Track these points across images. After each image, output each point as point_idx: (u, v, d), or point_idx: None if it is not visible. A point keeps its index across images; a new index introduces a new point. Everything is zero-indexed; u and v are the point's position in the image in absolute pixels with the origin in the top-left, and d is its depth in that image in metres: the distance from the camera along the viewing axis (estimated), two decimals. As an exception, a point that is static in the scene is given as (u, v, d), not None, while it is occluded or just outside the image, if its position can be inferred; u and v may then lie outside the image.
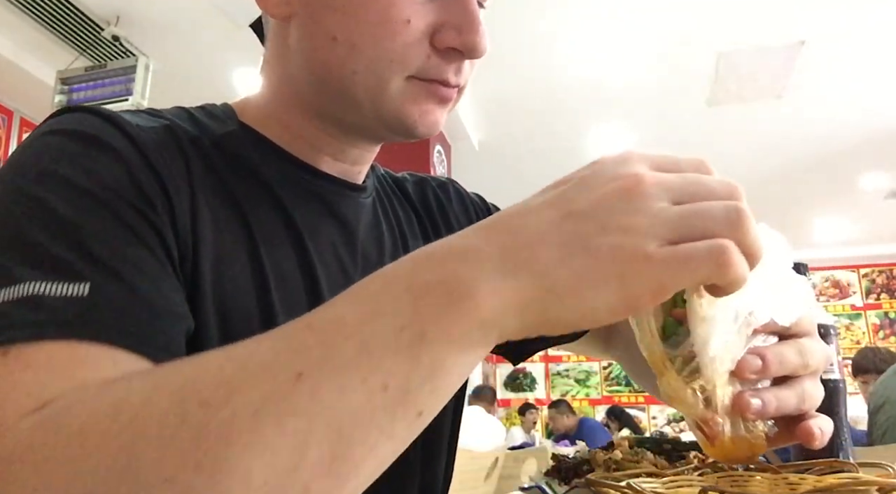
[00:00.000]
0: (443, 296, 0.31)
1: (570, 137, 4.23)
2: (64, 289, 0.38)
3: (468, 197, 0.81)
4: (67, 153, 0.45)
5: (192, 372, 0.31)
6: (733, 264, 0.30)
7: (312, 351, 0.30)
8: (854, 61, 3.37)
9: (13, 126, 3.66)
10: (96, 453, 0.29)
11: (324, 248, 0.59)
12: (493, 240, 0.32)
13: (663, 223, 0.31)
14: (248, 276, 0.53)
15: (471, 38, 0.52)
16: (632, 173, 0.33)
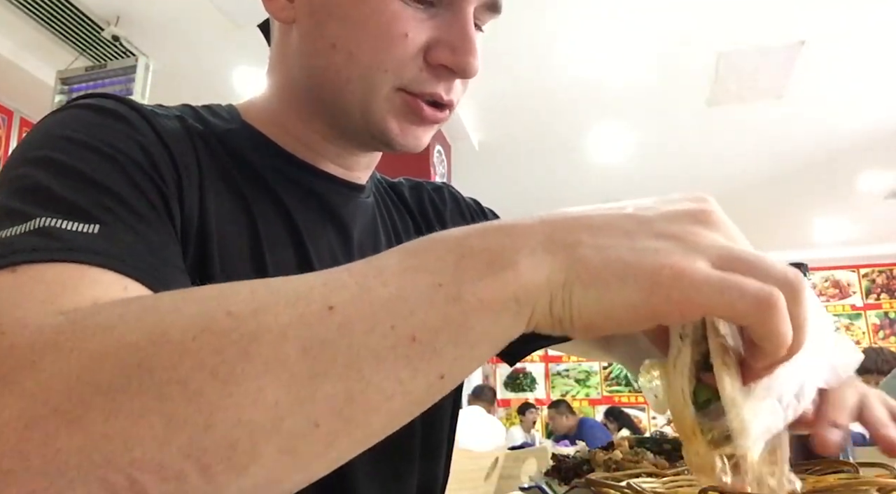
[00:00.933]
0: (484, 261, 0.31)
1: (571, 137, 4.23)
2: (74, 226, 0.39)
3: (464, 201, 0.82)
4: (84, 122, 0.48)
5: (222, 289, 0.31)
6: (777, 313, 0.29)
7: (348, 289, 0.30)
8: (854, 61, 3.37)
9: (13, 126, 3.66)
10: (118, 347, 0.28)
11: (321, 247, 0.60)
12: (546, 222, 0.32)
13: (720, 250, 0.31)
14: (250, 273, 0.54)
15: (464, 58, 0.53)
16: (710, 209, 0.33)
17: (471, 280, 0.30)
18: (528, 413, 5.94)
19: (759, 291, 0.29)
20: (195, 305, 0.30)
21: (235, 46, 3.23)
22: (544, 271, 0.30)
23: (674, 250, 0.30)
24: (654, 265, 0.30)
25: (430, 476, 0.66)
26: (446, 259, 0.31)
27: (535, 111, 3.91)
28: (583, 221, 0.32)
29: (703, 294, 0.29)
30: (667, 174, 4.76)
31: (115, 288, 0.37)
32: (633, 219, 0.32)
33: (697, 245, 0.31)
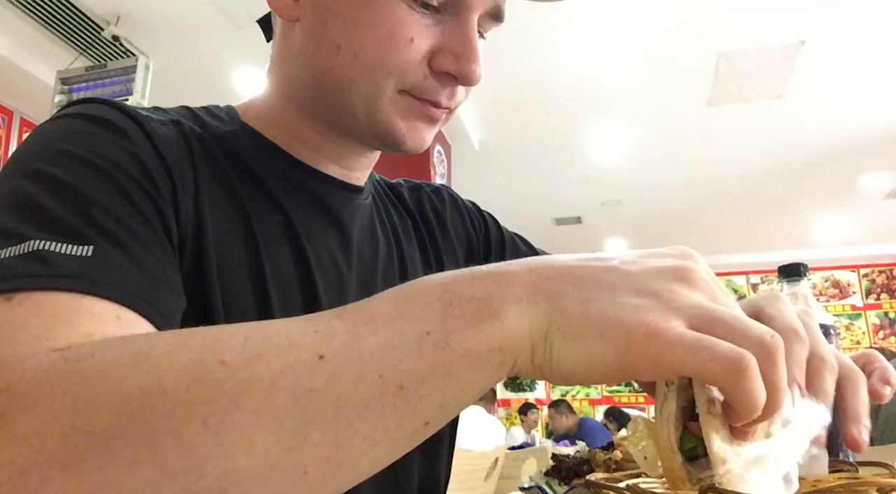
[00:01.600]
0: (471, 310, 0.31)
1: (571, 137, 4.23)
2: (68, 249, 0.39)
3: (462, 203, 0.83)
4: (79, 133, 0.47)
5: (217, 335, 0.32)
6: (747, 376, 0.29)
7: (338, 337, 0.31)
8: (854, 61, 3.37)
9: (13, 126, 3.66)
10: (112, 394, 0.29)
11: (320, 248, 0.60)
12: (532, 270, 0.33)
13: (698, 310, 0.31)
14: (246, 273, 0.54)
15: (467, 65, 0.54)
16: (692, 267, 0.34)
17: (458, 328, 0.31)
18: (529, 414, 5.94)
19: (731, 354, 0.29)
20: (189, 353, 0.30)
21: (235, 46, 3.23)
22: (527, 320, 0.31)
23: (652, 308, 0.31)
24: (632, 322, 0.30)
25: (430, 476, 0.66)
26: (434, 306, 0.32)
27: (536, 111, 3.91)
28: (568, 272, 0.33)
29: (675, 354, 0.29)
30: (667, 174, 4.76)
31: (108, 319, 0.38)
32: (616, 272, 0.33)
33: (676, 303, 0.31)
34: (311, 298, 0.58)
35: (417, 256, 0.73)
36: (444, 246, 0.76)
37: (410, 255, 0.72)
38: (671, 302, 0.31)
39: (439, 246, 0.76)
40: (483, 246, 0.80)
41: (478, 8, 0.54)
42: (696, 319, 0.31)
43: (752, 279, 6.79)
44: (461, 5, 0.54)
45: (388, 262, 0.68)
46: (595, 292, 0.32)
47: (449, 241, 0.77)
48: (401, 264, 0.70)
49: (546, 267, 0.33)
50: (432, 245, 0.75)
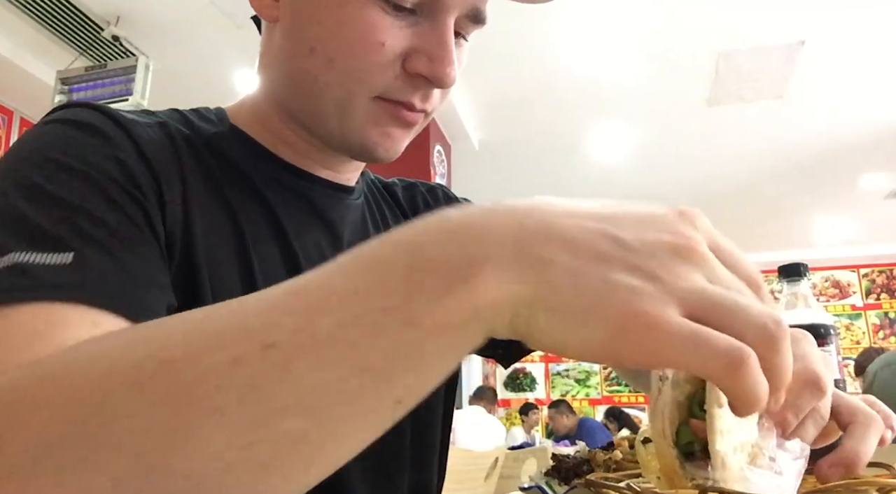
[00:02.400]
0: (442, 277, 0.28)
1: (571, 137, 4.23)
2: (48, 259, 0.39)
3: (457, 201, 0.82)
4: (62, 138, 0.47)
5: (168, 328, 0.30)
6: (746, 373, 0.27)
7: (289, 319, 0.28)
8: (854, 61, 3.37)
9: (13, 126, 3.66)
10: (64, 400, 0.28)
11: (309, 248, 0.60)
12: (520, 223, 0.29)
13: (699, 296, 0.28)
14: (236, 275, 0.54)
15: (440, 68, 0.53)
16: (693, 237, 0.30)
17: (425, 300, 0.27)
18: (531, 414, 5.94)
19: (729, 350, 0.27)
20: (138, 350, 0.29)
21: (235, 46, 3.23)
22: (511, 286, 0.28)
23: (650, 293, 0.28)
24: (626, 309, 0.27)
25: (423, 477, 0.66)
26: (399, 274, 0.28)
27: (535, 111, 3.91)
28: (560, 232, 0.29)
29: (672, 349, 0.27)
30: (667, 174, 4.76)
31: (84, 325, 0.38)
32: (613, 239, 0.29)
33: (674, 287, 0.28)
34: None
35: None
36: None
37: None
38: (669, 287, 0.28)
39: None
40: None
41: (453, 10, 0.53)
42: (695, 306, 0.28)
43: (752, 279, 6.78)
44: (436, 7, 0.53)
45: None
46: (588, 263, 0.28)
47: None
48: None
49: (536, 222, 0.29)
50: None
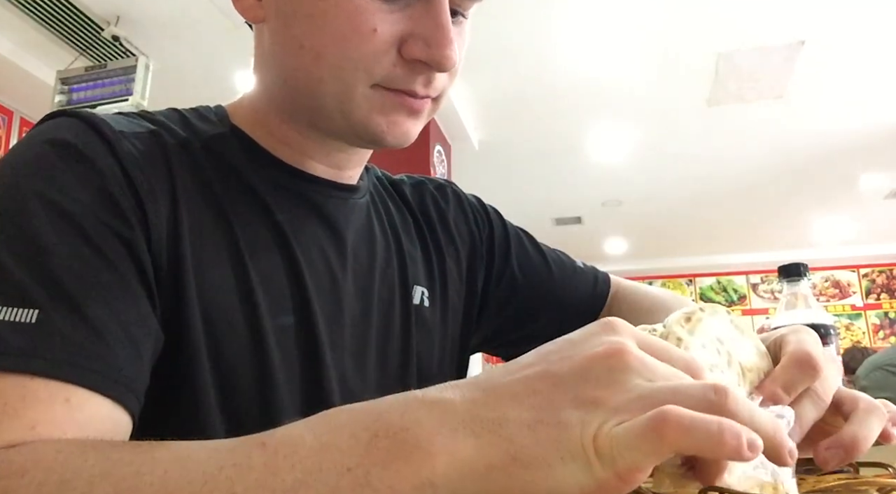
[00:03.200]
0: (399, 443, 0.29)
1: (571, 137, 4.23)
2: (11, 314, 0.39)
3: (466, 199, 0.81)
4: (44, 166, 0.46)
5: (139, 467, 0.31)
6: (676, 433, 0.27)
7: (254, 473, 0.30)
8: (854, 61, 3.37)
9: (13, 126, 3.65)
10: None
11: (311, 251, 0.59)
12: (466, 396, 0.31)
13: (639, 401, 0.29)
14: (231, 283, 0.53)
15: (439, 51, 0.51)
16: (618, 341, 0.32)
17: (381, 463, 0.29)
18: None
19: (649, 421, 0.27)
20: (108, 487, 0.30)
21: (235, 46, 3.23)
22: (467, 455, 0.29)
23: (593, 421, 0.29)
24: (584, 441, 0.28)
25: None
26: (360, 437, 0.30)
27: (536, 111, 3.91)
28: (502, 392, 0.31)
29: (629, 457, 0.28)
30: (667, 174, 4.76)
31: (56, 403, 0.38)
32: (550, 379, 0.31)
33: (617, 407, 0.29)
34: (302, 304, 0.57)
35: (419, 254, 0.71)
36: (445, 245, 0.74)
37: (411, 253, 0.70)
38: (611, 406, 0.29)
39: (441, 244, 0.74)
40: (486, 244, 0.79)
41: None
42: (640, 411, 0.29)
43: (752, 279, 6.78)
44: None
45: (387, 262, 0.67)
46: (536, 411, 0.30)
47: (451, 240, 0.75)
48: (400, 263, 0.68)
49: (479, 391, 0.31)
50: (434, 243, 0.73)
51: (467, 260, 0.76)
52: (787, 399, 0.42)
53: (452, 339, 0.73)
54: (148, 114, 0.58)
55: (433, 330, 0.69)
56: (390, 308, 0.65)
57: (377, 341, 0.63)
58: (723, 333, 0.43)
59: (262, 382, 0.53)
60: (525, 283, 0.79)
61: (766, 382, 0.43)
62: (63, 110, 0.52)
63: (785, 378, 0.43)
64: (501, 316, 0.79)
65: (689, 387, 0.30)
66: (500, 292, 0.79)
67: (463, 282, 0.75)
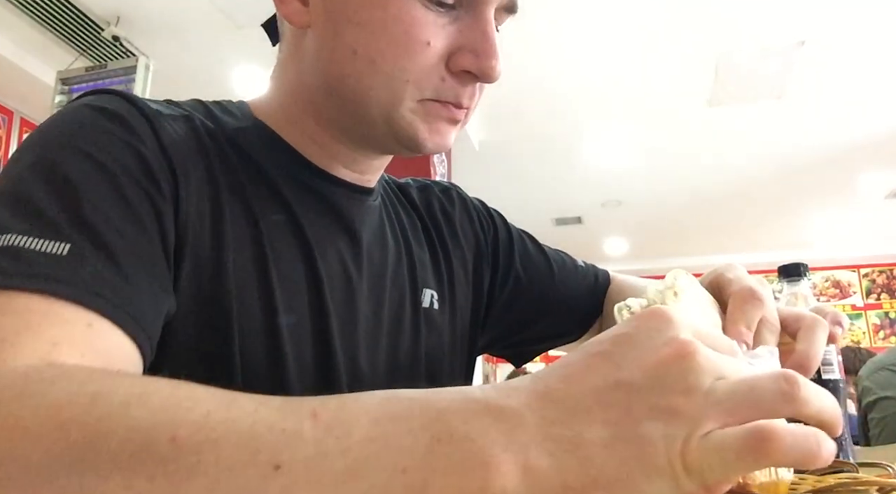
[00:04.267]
0: (463, 453, 0.27)
1: (571, 137, 4.23)
2: (43, 246, 0.39)
3: (471, 203, 0.82)
4: (88, 125, 0.47)
5: (180, 400, 0.29)
6: (778, 452, 0.27)
7: (303, 447, 0.27)
8: (854, 61, 3.37)
9: (13, 126, 3.65)
10: (56, 434, 0.27)
11: (328, 252, 0.60)
12: (535, 407, 0.29)
13: (715, 404, 0.29)
14: (253, 274, 0.54)
15: (487, 62, 0.53)
16: (685, 340, 0.30)
17: (442, 472, 0.27)
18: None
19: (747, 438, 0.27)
20: (146, 413, 0.28)
21: (235, 46, 3.23)
22: (541, 473, 0.27)
23: (676, 433, 0.28)
24: (671, 456, 0.28)
25: None
26: (418, 436, 0.28)
27: (536, 111, 3.91)
28: (575, 405, 0.29)
29: (720, 469, 0.27)
30: (667, 174, 4.76)
31: (78, 326, 0.37)
32: (623, 388, 0.29)
33: (698, 418, 0.28)
34: (318, 303, 0.57)
35: (427, 258, 0.72)
36: (452, 248, 0.75)
37: (420, 257, 0.71)
38: (693, 412, 0.28)
39: (448, 248, 0.75)
40: (491, 247, 0.80)
41: (493, 1, 0.53)
42: (720, 414, 0.28)
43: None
44: (477, 0, 0.52)
45: (398, 265, 0.67)
46: (613, 426, 0.28)
47: (458, 243, 0.76)
48: (410, 266, 0.69)
49: (548, 404, 0.29)
50: (441, 246, 0.74)
51: (473, 263, 0.77)
52: (749, 335, 0.46)
53: (461, 341, 0.73)
54: (175, 101, 0.58)
55: (443, 332, 0.70)
56: (400, 310, 0.66)
57: (387, 342, 0.64)
58: (696, 294, 0.47)
59: (274, 379, 0.53)
60: (529, 284, 0.80)
61: (727, 325, 0.48)
62: (98, 89, 0.53)
63: (742, 317, 0.47)
64: (507, 317, 0.80)
65: (762, 382, 0.29)
66: (505, 294, 0.79)
67: (470, 285, 0.76)
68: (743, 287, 0.50)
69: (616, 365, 0.30)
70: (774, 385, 0.29)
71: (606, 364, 0.30)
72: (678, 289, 0.43)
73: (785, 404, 0.28)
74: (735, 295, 0.51)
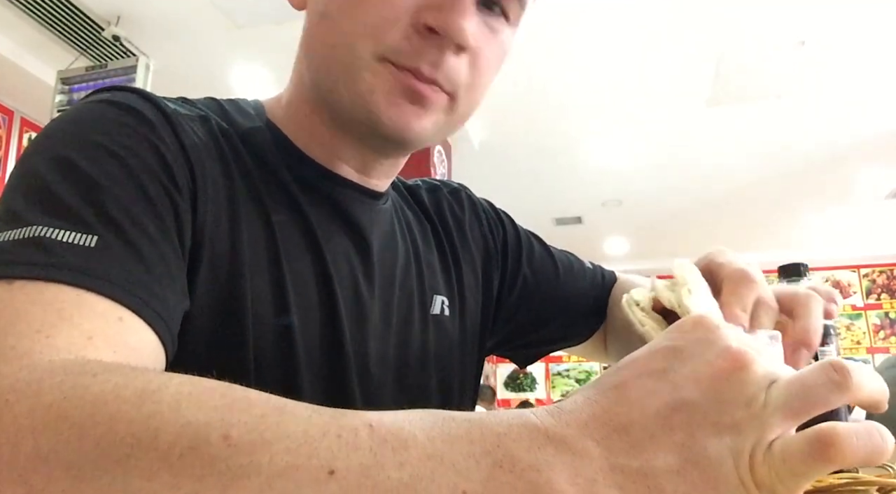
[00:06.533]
0: (526, 484, 0.26)
1: (571, 137, 4.23)
2: (71, 237, 0.38)
3: (480, 204, 0.81)
4: (106, 119, 0.47)
5: (233, 400, 0.28)
6: (845, 455, 0.27)
7: (359, 455, 0.27)
8: (854, 61, 3.37)
9: (13, 126, 3.65)
10: (101, 429, 0.27)
11: (338, 256, 0.59)
12: (598, 437, 0.28)
13: (775, 411, 0.28)
14: (266, 278, 0.54)
15: (452, 18, 0.49)
16: (737, 350, 0.30)
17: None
18: (528, 413, 5.93)
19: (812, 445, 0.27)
20: (197, 411, 0.27)
21: (235, 46, 3.23)
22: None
23: (746, 444, 0.28)
24: (741, 474, 0.27)
25: None
26: (479, 460, 0.27)
27: (536, 111, 3.90)
28: (640, 433, 0.28)
29: (789, 482, 0.27)
30: (667, 174, 4.75)
31: (111, 320, 0.37)
32: (685, 409, 0.28)
33: (761, 430, 0.28)
34: (329, 306, 0.57)
35: (436, 262, 0.71)
36: (462, 251, 0.75)
37: (430, 262, 0.70)
38: (755, 423, 0.28)
39: (458, 251, 0.74)
40: (500, 250, 0.79)
41: None
42: (781, 418, 0.28)
43: (752, 279, 6.77)
44: None
45: (407, 270, 0.67)
46: (681, 450, 0.27)
47: (467, 246, 0.76)
48: (419, 271, 0.68)
49: (612, 433, 0.28)
50: (451, 250, 0.74)
51: (483, 266, 0.77)
52: (746, 317, 0.46)
53: (472, 346, 0.73)
54: (190, 100, 0.58)
55: (453, 339, 0.70)
56: (409, 315, 0.66)
57: (396, 349, 0.63)
58: (703, 286, 0.48)
59: (286, 376, 0.54)
60: (536, 287, 0.80)
61: (723, 309, 0.48)
62: (115, 86, 0.52)
63: (738, 300, 0.47)
64: (515, 320, 0.80)
65: (813, 378, 0.29)
66: (513, 297, 0.79)
67: (479, 289, 0.76)
68: (735, 269, 0.50)
69: (673, 385, 0.29)
70: (826, 377, 0.29)
71: (663, 383, 0.29)
72: (691, 286, 0.43)
73: (841, 394, 0.28)
74: (728, 279, 0.50)
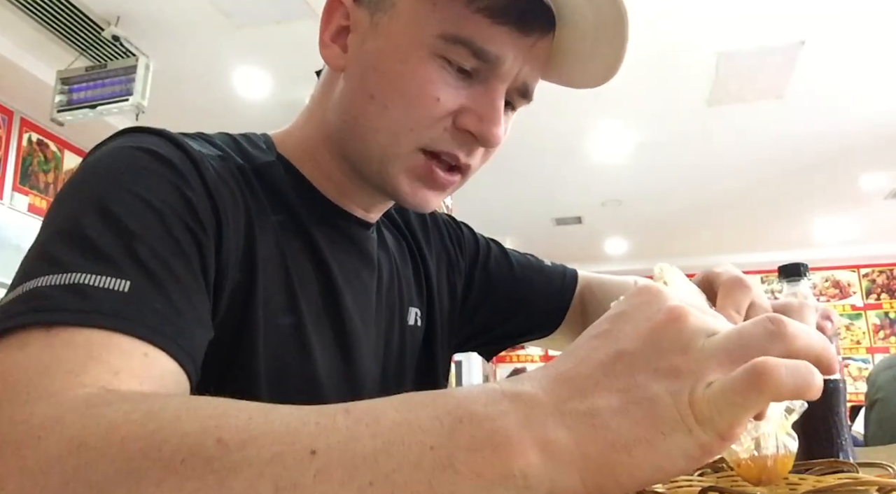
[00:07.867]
0: (485, 432, 0.29)
1: (571, 137, 4.23)
2: (106, 282, 0.42)
3: (441, 218, 0.88)
4: (138, 167, 0.51)
5: (225, 409, 0.32)
6: (775, 384, 0.28)
7: (336, 434, 0.30)
8: (854, 61, 3.37)
9: (13, 126, 3.65)
10: (114, 449, 0.30)
11: (357, 290, 0.66)
12: (549, 389, 0.31)
13: (712, 357, 0.31)
14: (283, 303, 0.59)
15: (488, 127, 0.57)
16: (673, 305, 0.33)
17: (466, 448, 0.29)
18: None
19: (748, 376, 0.29)
20: (194, 422, 0.31)
21: (235, 46, 3.23)
22: (562, 445, 0.29)
23: (680, 389, 0.30)
24: (681, 410, 0.30)
25: None
26: (442, 420, 0.30)
27: (536, 111, 3.89)
28: (582, 381, 0.31)
29: (727, 415, 0.29)
30: (667, 174, 4.76)
31: (135, 356, 0.40)
32: (625, 357, 0.32)
33: (691, 369, 0.31)
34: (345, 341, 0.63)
35: (411, 275, 0.78)
36: (430, 262, 0.81)
37: (406, 275, 0.77)
38: (690, 370, 0.31)
39: (428, 263, 0.80)
40: (462, 257, 0.86)
41: (507, 79, 0.59)
42: (717, 366, 0.31)
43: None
44: (492, 74, 0.57)
45: (390, 284, 0.73)
46: (623, 393, 0.31)
47: (434, 257, 0.82)
48: (399, 286, 0.74)
49: (560, 384, 0.32)
50: (422, 263, 0.80)
51: (447, 275, 0.83)
52: (740, 318, 0.49)
53: (442, 351, 0.79)
54: (208, 137, 0.63)
55: (427, 347, 0.77)
56: (390, 328, 0.72)
57: (380, 361, 0.69)
58: (684, 285, 0.50)
59: (298, 383, 0.59)
60: (496, 285, 0.87)
61: (717, 311, 0.49)
62: (142, 127, 0.56)
63: (731, 302, 0.51)
64: (478, 317, 0.86)
65: (750, 327, 0.31)
66: (474, 297, 0.86)
67: (446, 296, 0.82)
68: (730, 276, 0.54)
69: (615, 340, 0.33)
70: (761, 327, 0.31)
71: (607, 340, 0.33)
72: (667, 280, 0.46)
73: (774, 342, 0.31)
74: (723, 284, 0.54)
